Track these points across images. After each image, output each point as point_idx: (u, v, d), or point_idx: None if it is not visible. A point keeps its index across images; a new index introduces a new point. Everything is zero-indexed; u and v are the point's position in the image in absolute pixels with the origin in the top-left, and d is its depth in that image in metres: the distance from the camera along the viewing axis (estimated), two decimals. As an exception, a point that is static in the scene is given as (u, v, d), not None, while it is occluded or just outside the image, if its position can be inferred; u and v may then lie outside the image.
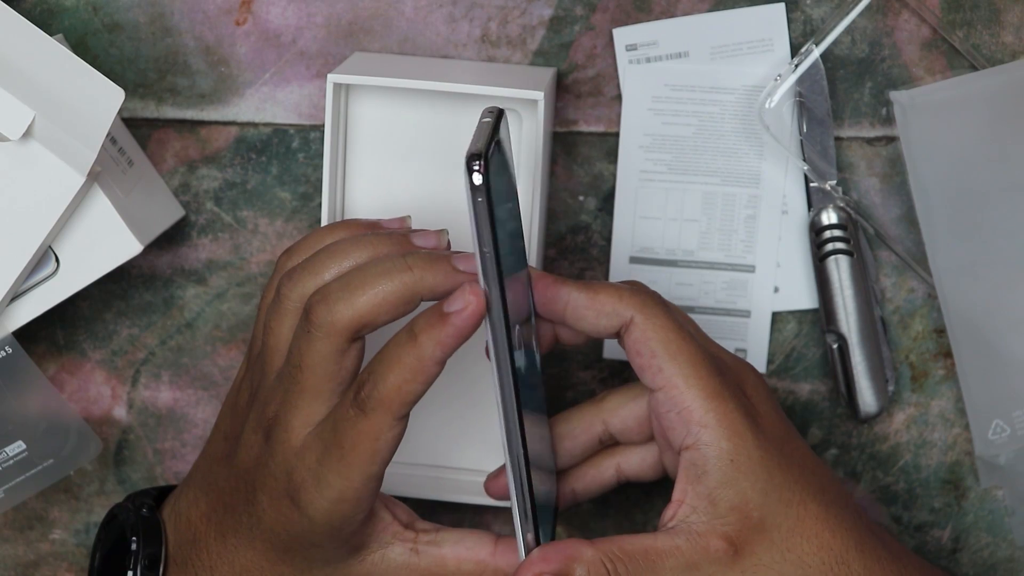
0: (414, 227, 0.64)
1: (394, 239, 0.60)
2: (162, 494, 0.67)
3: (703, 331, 0.64)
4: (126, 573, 0.63)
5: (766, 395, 0.62)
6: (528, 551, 0.58)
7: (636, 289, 0.60)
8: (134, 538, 0.63)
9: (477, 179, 0.54)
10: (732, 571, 0.58)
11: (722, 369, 0.60)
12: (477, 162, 0.54)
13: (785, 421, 0.62)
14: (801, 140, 0.70)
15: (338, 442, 0.57)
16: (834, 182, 0.71)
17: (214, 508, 0.62)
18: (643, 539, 0.59)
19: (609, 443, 0.65)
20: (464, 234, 0.70)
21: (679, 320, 0.61)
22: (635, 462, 0.65)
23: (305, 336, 0.58)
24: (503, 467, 0.63)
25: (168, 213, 0.72)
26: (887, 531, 0.64)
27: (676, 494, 0.59)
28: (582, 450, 0.65)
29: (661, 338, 0.59)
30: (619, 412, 0.64)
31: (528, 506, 0.57)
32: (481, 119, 0.56)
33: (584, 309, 0.60)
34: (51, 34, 0.64)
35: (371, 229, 0.62)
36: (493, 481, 0.66)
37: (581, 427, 0.65)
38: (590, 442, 0.65)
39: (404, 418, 0.57)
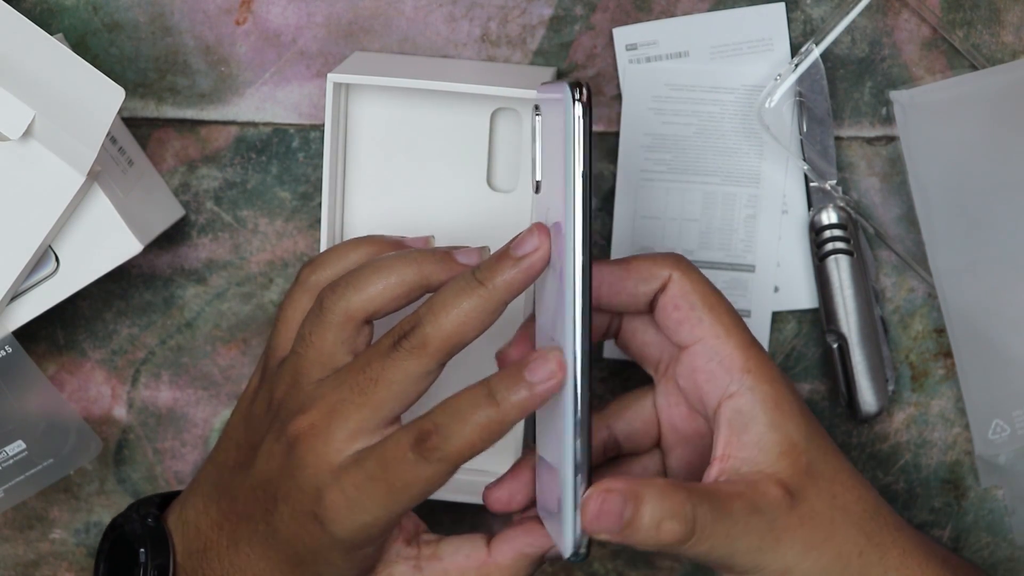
0: (427, 233, 0.65)
1: (438, 255, 0.60)
2: (164, 502, 0.66)
3: None
4: None
5: (786, 378, 0.63)
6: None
7: (667, 254, 0.61)
8: (142, 549, 0.62)
9: (578, 108, 0.55)
10: (791, 517, 0.58)
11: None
12: (579, 89, 0.55)
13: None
14: (801, 140, 0.70)
15: (388, 480, 0.56)
16: (834, 182, 0.71)
17: (227, 517, 0.61)
18: (709, 484, 0.59)
19: (612, 454, 0.65)
20: (469, 236, 0.70)
21: (709, 280, 0.62)
22: (638, 472, 0.65)
23: (390, 357, 0.57)
24: (503, 476, 0.63)
25: (168, 212, 0.72)
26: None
27: (719, 450, 0.59)
28: None
29: (700, 291, 0.60)
30: (624, 415, 0.64)
31: (586, 459, 0.56)
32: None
33: (621, 280, 0.60)
34: (51, 33, 0.64)
35: (397, 247, 0.62)
36: (492, 491, 0.63)
37: None
38: (595, 451, 0.65)
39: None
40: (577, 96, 0.55)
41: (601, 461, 0.65)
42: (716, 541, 0.57)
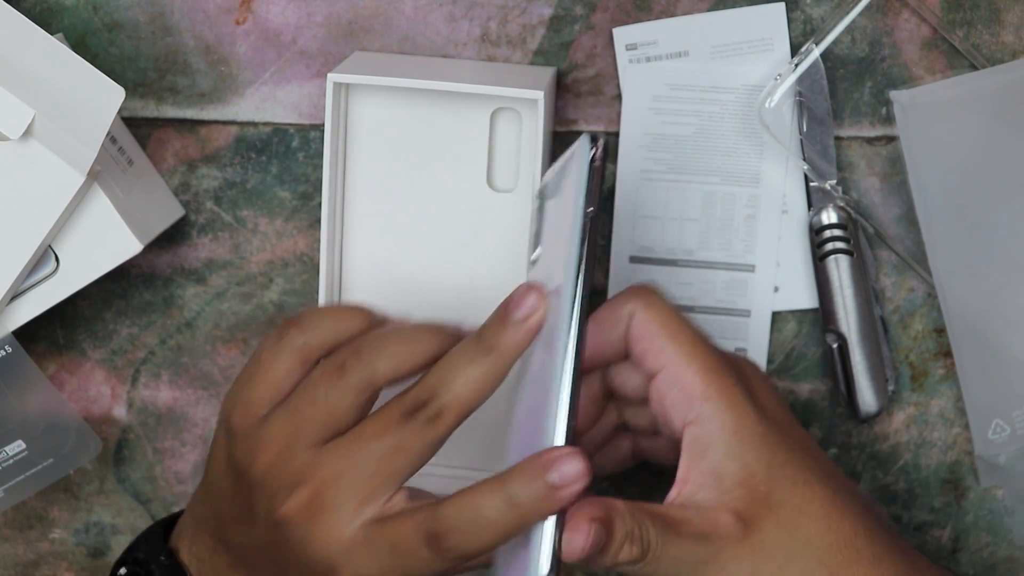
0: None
1: (451, 328, 0.59)
2: (167, 530, 0.64)
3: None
4: None
5: (767, 385, 0.62)
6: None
7: (631, 289, 0.61)
8: None
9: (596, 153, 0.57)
10: (742, 547, 0.58)
11: (722, 353, 0.60)
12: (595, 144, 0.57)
13: (787, 410, 0.62)
14: (801, 139, 0.70)
15: (400, 566, 0.56)
16: (834, 181, 0.71)
17: (239, 563, 0.61)
18: (661, 507, 0.58)
19: (615, 417, 0.65)
20: (469, 235, 0.70)
21: (676, 308, 0.61)
22: (647, 431, 0.64)
23: (409, 428, 0.56)
24: None
25: (168, 212, 0.72)
26: (893, 529, 0.64)
27: (680, 474, 0.59)
28: (587, 416, 0.64)
29: (660, 320, 0.60)
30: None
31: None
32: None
33: (594, 337, 0.60)
34: (51, 33, 0.64)
35: (383, 322, 0.61)
36: None
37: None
38: (592, 404, 0.64)
39: None
40: (593, 150, 0.57)
41: (612, 433, 0.65)
42: (663, 564, 0.57)
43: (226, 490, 0.60)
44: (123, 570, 0.64)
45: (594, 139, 0.57)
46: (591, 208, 0.56)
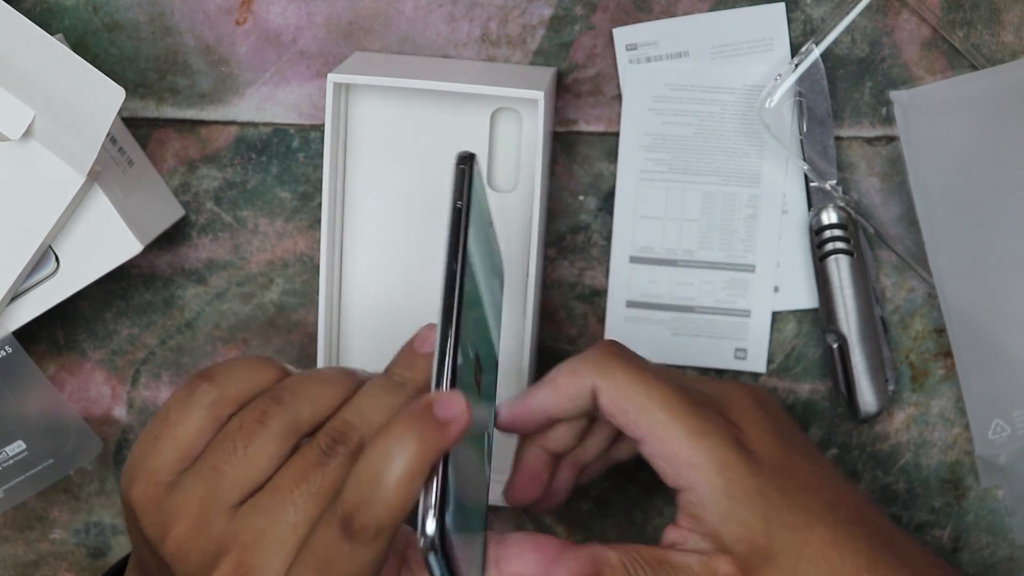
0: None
1: (363, 374, 0.56)
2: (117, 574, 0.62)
3: (674, 370, 0.63)
4: None
5: (759, 418, 0.61)
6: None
7: (590, 354, 0.59)
8: None
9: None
10: None
11: (702, 402, 0.59)
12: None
13: (783, 441, 0.61)
14: (801, 140, 0.70)
15: None
16: (834, 182, 0.71)
17: None
18: (659, 551, 0.58)
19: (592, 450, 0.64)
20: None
21: (641, 368, 0.59)
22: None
23: (332, 467, 0.53)
24: (512, 473, 0.63)
25: (168, 213, 0.72)
26: (910, 539, 0.63)
27: (678, 520, 0.59)
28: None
29: (627, 394, 0.58)
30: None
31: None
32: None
33: (554, 408, 0.59)
34: (51, 33, 0.64)
35: (287, 373, 0.56)
36: (508, 490, 0.63)
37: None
38: (544, 469, 0.63)
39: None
40: (433, 561, 0.50)
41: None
42: None
43: (147, 560, 0.55)
44: None
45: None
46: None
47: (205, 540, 0.53)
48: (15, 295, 0.67)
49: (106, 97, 0.63)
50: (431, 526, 0.50)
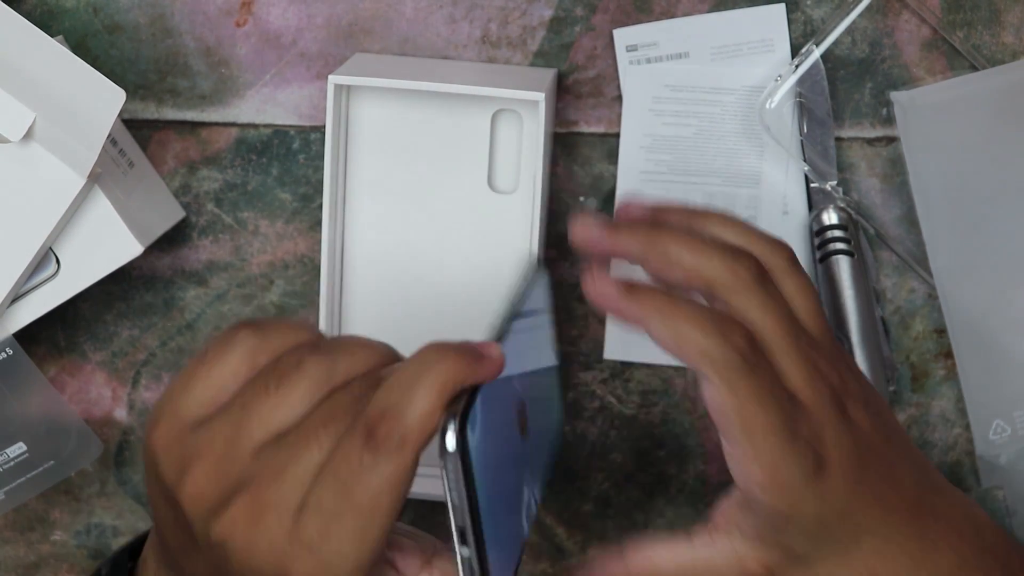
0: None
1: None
2: (133, 555, 0.59)
3: (814, 309, 0.58)
4: None
5: (849, 429, 0.57)
6: None
7: (725, 339, 0.55)
8: None
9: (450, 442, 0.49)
10: None
11: (800, 419, 0.56)
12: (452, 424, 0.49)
13: (870, 447, 0.58)
14: (801, 140, 0.70)
15: (352, 502, 0.49)
16: (834, 182, 0.71)
17: None
18: (677, 553, 0.57)
19: None
20: (470, 237, 0.70)
21: (764, 383, 0.55)
22: None
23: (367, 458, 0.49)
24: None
25: (169, 214, 0.72)
26: (974, 523, 0.61)
27: (730, 509, 0.57)
28: None
29: (737, 408, 0.55)
30: None
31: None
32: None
33: (666, 346, 0.55)
34: (52, 35, 0.64)
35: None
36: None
37: None
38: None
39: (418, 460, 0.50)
40: (450, 442, 0.48)
41: None
42: None
43: (164, 516, 0.53)
44: None
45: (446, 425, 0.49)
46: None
47: (224, 478, 0.50)
48: (16, 297, 0.67)
49: (106, 99, 0.63)
50: (453, 430, 0.48)
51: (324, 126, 0.71)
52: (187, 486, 0.51)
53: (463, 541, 0.49)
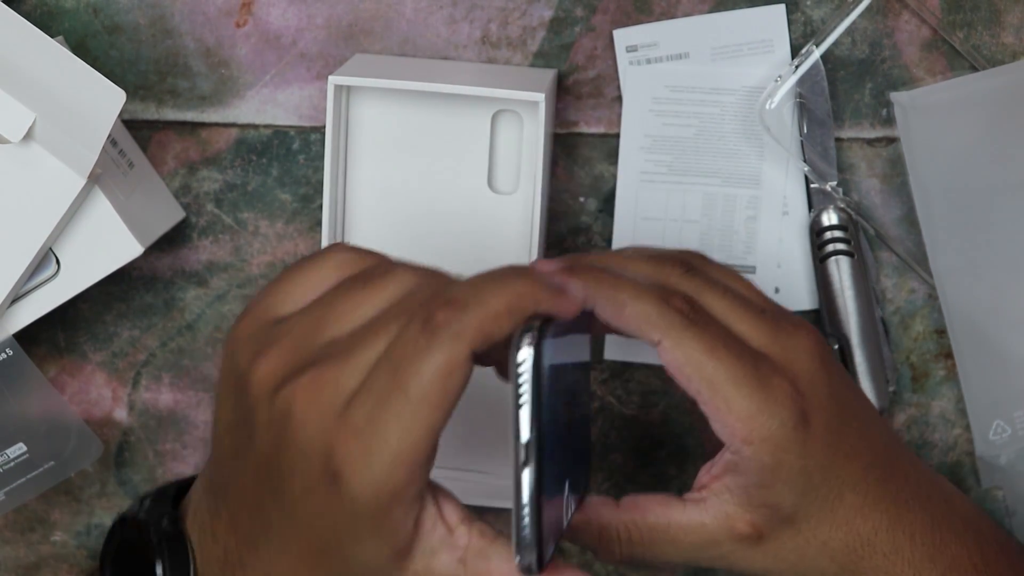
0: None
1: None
2: (179, 492, 0.59)
3: (755, 293, 0.60)
4: None
5: (822, 382, 0.59)
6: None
7: (665, 303, 0.57)
8: (159, 560, 0.56)
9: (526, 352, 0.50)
10: (752, 551, 0.59)
11: (767, 372, 0.57)
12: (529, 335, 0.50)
13: (842, 402, 0.59)
14: (802, 141, 0.70)
15: (399, 384, 0.49)
16: (835, 183, 0.71)
17: (237, 515, 0.54)
18: (670, 510, 0.58)
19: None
20: (470, 238, 0.70)
21: (711, 337, 0.57)
22: None
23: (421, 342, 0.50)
24: None
25: (169, 215, 0.72)
26: (937, 484, 0.63)
27: (715, 469, 0.58)
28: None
29: (693, 362, 0.56)
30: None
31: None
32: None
33: (613, 319, 0.56)
34: (52, 36, 0.64)
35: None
36: None
37: None
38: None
39: (474, 360, 0.50)
40: (525, 354, 0.50)
41: None
42: (659, 561, 0.59)
43: (227, 410, 0.55)
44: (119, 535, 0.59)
45: (529, 330, 0.50)
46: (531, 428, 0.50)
47: (294, 361, 0.51)
48: (16, 297, 0.67)
49: (107, 99, 0.63)
50: (533, 334, 0.49)
51: (324, 126, 0.71)
52: (259, 368, 0.52)
53: (527, 431, 0.50)
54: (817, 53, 0.70)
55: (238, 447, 0.54)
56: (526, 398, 0.50)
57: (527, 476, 0.50)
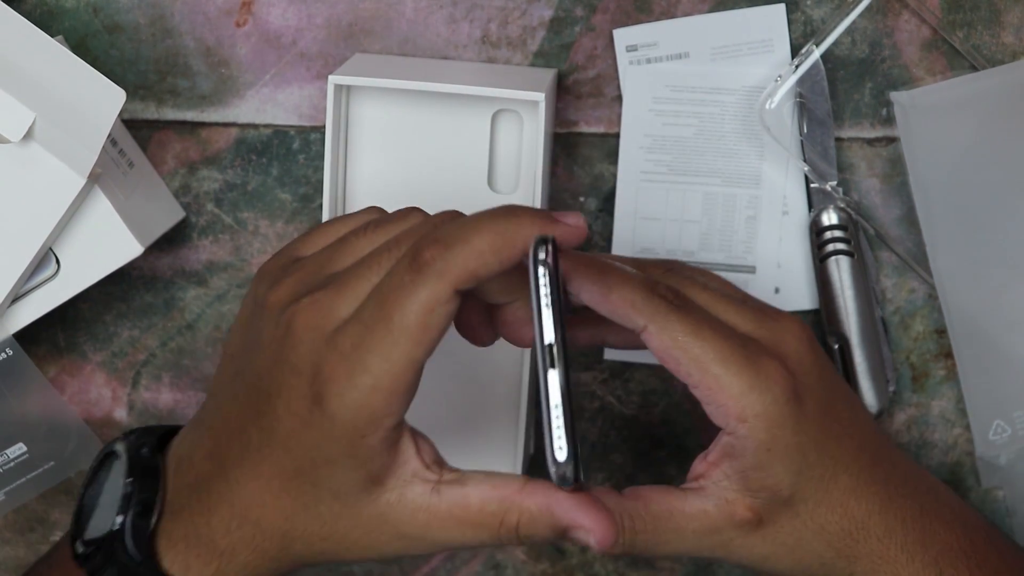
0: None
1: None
2: (167, 433, 0.61)
3: (737, 291, 0.62)
4: (115, 518, 0.57)
5: (811, 363, 0.59)
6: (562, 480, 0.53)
7: (651, 290, 0.57)
8: (129, 479, 0.58)
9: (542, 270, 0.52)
10: (752, 537, 0.59)
11: (756, 351, 0.58)
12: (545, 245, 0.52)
13: (829, 389, 0.60)
14: (802, 141, 0.70)
15: (384, 316, 0.52)
16: (835, 183, 0.71)
17: (218, 442, 0.57)
18: (671, 499, 0.59)
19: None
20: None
21: (696, 319, 0.58)
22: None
23: (408, 280, 0.53)
24: None
25: (168, 215, 0.72)
26: (923, 475, 0.64)
27: (712, 456, 0.59)
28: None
29: (680, 345, 0.57)
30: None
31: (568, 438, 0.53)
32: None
33: (599, 305, 0.57)
34: (51, 35, 0.64)
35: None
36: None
37: None
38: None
39: (459, 298, 0.52)
40: (542, 257, 0.52)
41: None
42: (662, 550, 0.59)
43: (232, 349, 0.59)
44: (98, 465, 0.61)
45: (543, 240, 0.53)
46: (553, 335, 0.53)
47: (302, 288, 0.55)
48: (16, 297, 0.67)
49: (107, 99, 0.63)
50: (548, 245, 0.51)
51: (324, 126, 0.71)
52: (274, 293, 0.56)
53: (552, 336, 0.52)
54: (817, 53, 0.70)
55: (240, 367, 0.57)
56: (547, 300, 0.52)
57: (554, 377, 0.52)
